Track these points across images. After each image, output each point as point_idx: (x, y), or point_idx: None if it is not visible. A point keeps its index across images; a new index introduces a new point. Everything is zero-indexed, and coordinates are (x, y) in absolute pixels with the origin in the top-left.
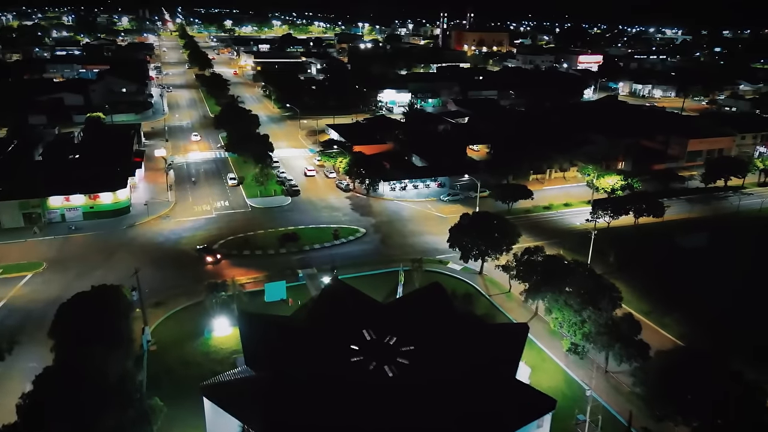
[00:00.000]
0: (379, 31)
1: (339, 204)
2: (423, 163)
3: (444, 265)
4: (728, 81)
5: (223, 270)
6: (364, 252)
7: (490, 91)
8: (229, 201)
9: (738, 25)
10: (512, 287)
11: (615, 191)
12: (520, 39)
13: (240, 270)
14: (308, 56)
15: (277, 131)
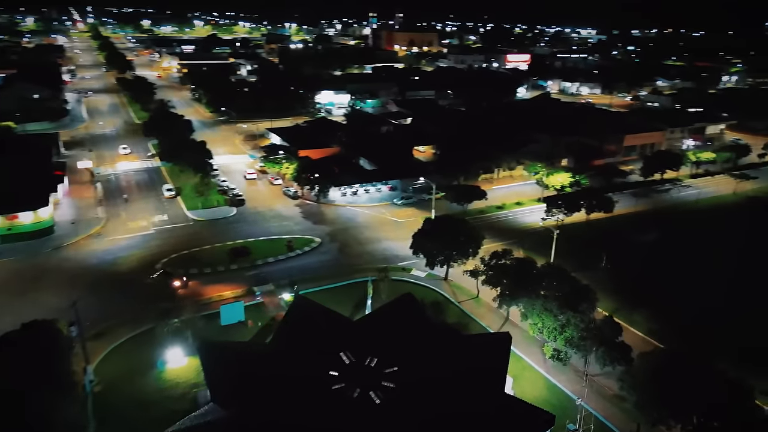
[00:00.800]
0: (307, 32)
1: (288, 213)
2: (372, 167)
3: (408, 273)
4: (646, 78)
5: (172, 291)
6: (322, 263)
7: (428, 91)
8: (167, 214)
9: (645, 26)
10: (480, 292)
11: (564, 188)
12: (448, 39)
13: (192, 290)
14: (237, 57)
15: (212, 137)
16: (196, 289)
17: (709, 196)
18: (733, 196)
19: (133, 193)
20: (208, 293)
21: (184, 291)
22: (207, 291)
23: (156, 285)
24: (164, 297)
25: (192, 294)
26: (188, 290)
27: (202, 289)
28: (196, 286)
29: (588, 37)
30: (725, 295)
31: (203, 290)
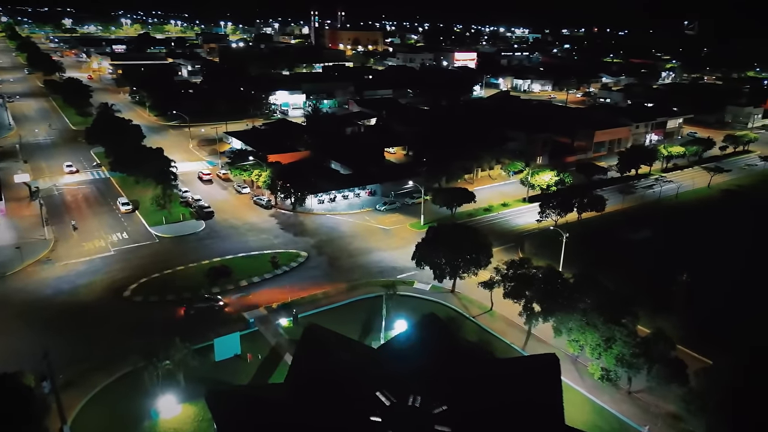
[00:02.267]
0: (243, 30)
1: (264, 224)
2: (345, 171)
3: (410, 286)
4: (592, 75)
5: (149, 325)
6: (314, 280)
7: (385, 90)
8: (127, 232)
9: (575, 25)
10: (494, 305)
11: (549, 188)
12: (389, 38)
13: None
14: (174, 57)
15: (162, 142)
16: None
17: (687, 191)
18: (709, 190)
19: (82, 210)
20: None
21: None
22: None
23: (132, 315)
24: (145, 330)
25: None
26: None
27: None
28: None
29: (522, 35)
30: (728, 295)
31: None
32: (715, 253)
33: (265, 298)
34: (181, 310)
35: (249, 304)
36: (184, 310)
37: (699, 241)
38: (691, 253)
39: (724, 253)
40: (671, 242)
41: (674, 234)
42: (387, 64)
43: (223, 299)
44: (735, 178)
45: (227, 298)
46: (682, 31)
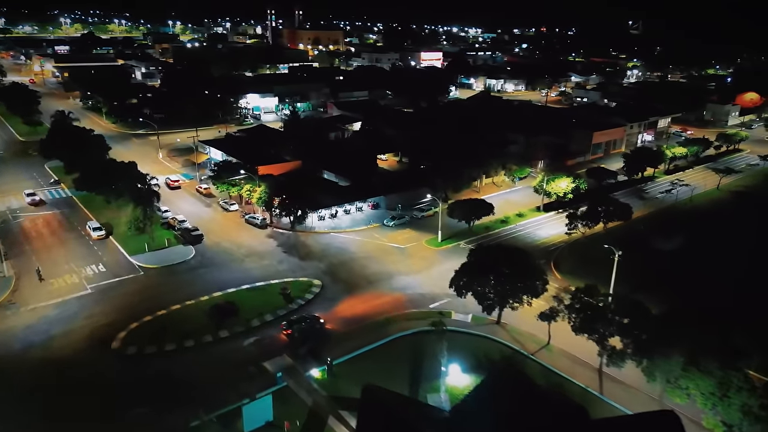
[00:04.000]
0: (193, 30)
1: (263, 247)
2: (342, 181)
3: (449, 318)
4: (561, 74)
5: (150, 386)
6: (336, 314)
7: (361, 92)
8: (104, 264)
9: (525, 24)
10: (551, 338)
11: (566, 195)
12: (348, 38)
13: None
14: (124, 58)
15: (126, 153)
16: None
17: (699, 193)
18: (719, 192)
19: (45, 238)
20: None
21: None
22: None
23: (128, 373)
24: (147, 393)
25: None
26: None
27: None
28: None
29: (476, 35)
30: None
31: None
32: (747, 260)
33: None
34: (283, 334)
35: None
36: (288, 332)
37: (741, 252)
38: (739, 266)
39: (759, 259)
40: (713, 253)
41: (710, 243)
42: (353, 65)
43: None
44: (739, 179)
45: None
46: (627, 31)
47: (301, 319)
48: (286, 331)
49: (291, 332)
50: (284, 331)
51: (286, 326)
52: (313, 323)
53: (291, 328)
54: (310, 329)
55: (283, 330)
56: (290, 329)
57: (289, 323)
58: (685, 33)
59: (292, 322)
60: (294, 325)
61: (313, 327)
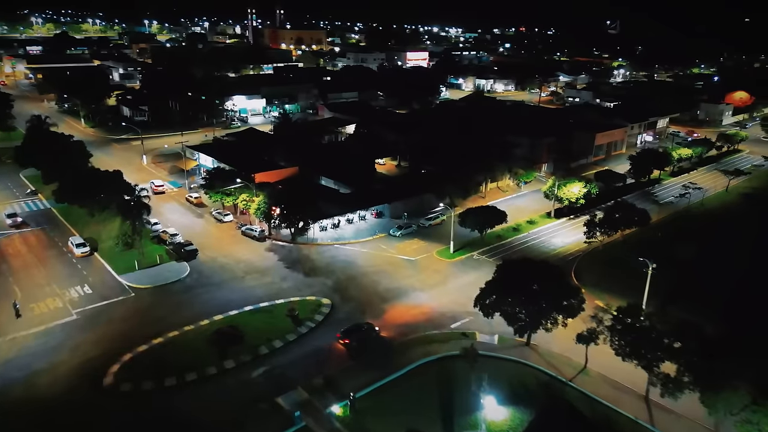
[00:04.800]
0: (170, 30)
1: (263, 262)
2: (345, 189)
3: (473, 340)
4: (549, 74)
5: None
6: None
7: (350, 93)
8: (90, 284)
9: (505, 24)
10: (588, 361)
11: (578, 201)
12: (330, 38)
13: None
14: (100, 59)
15: (108, 160)
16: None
17: (709, 196)
18: (728, 195)
19: (23, 256)
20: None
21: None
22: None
23: (124, 415)
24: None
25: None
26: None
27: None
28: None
29: (458, 35)
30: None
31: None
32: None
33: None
34: (340, 344)
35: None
36: (346, 342)
37: (747, 253)
38: (745, 268)
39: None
40: (741, 261)
41: (735, 250)
42: (338, 65)
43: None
44: (746, 181)
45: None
46: (605, 31)
47: (357, 327)
48: (343, 340)
49: (349, 342)
50: (341, 341)
51: (343, 336)
52: (370, 331)
53: (349, 337)
54: (368, 338)
55: (340, 340)
56: (348, 338)
57: (345, 332)
58: (668, 30)
59: (349, 332)
60: (352, 335)
61: (370, 335)
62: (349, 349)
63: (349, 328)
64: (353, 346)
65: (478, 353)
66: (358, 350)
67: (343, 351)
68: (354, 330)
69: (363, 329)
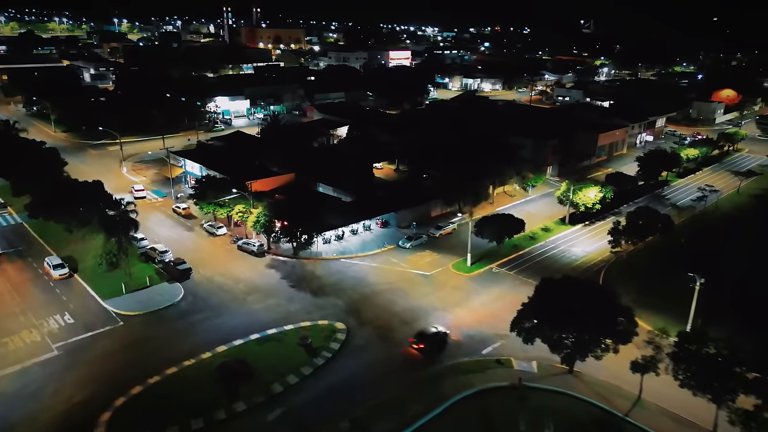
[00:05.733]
0: (141, 29)
1: (265, 281)
2: (347, 197)
3: (510, 369)
4: (535, 72)
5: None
6: (374, 370)
7: (337, 93)
8: (70, 312)
9: (479, 23)
10: (643, 390)
11: (594, 206)
12: (308, 37)
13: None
14: (69, 59)
15: (82, 168)
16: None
17: (721, 198)
18: (739, 196)
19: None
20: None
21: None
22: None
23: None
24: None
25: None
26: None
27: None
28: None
29: (435, 34)
30: None
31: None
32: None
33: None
34: (413, 348)
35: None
36: (421, 346)
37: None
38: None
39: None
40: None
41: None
42: (318, 64)
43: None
44: (754, 181)
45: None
46: (580, 30)
47: (427, 331)
48: (418, 345)
49: (424, 346)
50: (415, 346)
51: (417, 340)
52: (443, 335)
53: (424, 341)
54: (442, 342)
55: (413, 344)
56: (423, 343)
57: (419, 337)
58: (646, 28)
59: (423, 336)
60: (426, 338)
61: (443, 339)
62: (423, 354)
63: (421, 331)
64: (427, 350)
65: (527, 387)
66: (431, 354)
67: (418, 355)
68: (427, 334)
69: (437, 333)
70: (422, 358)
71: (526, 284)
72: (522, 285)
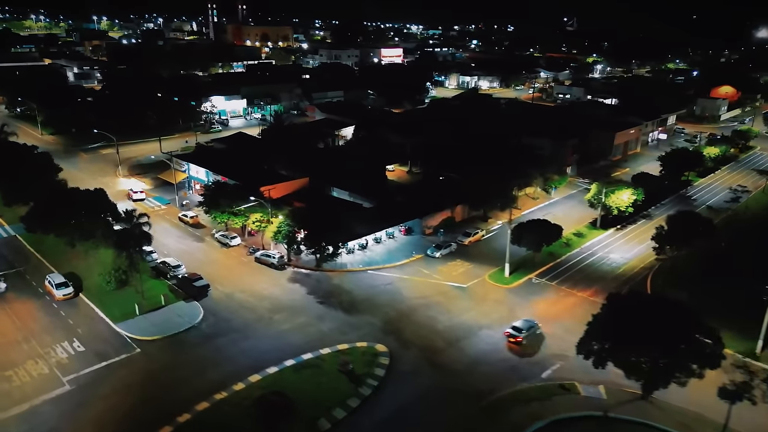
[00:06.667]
0: (121, 26)
1: (290, 297)
2: (366, 202)
3: (576, 395)
4: (530, 70)
5: None
6: (428, 400)
7: (335, 92)
8: (79, 338)
9: (464, 21)
10: (729, 419)
11: (627, 209)
12: (294, 35)
13: None
14: (51, 57)
15: (75, 173)
16: None
17: (748, 198)
18: (765, 196)
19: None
20: None
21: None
22: None
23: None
24: None
25: None
26: None
27: None
28: None
29: (419, 32)
30: None
31: None
32: None
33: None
34: (510, 342)
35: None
36: (518, 339)
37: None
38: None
39: None
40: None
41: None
42: (309, 62)
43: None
44: None
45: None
46: (564, 27)
47: (521, 325)
48: (515, 338)
49: (521, 339)
50: (511, 339)
51: (513, 332)
52: (537, 327)
53: (519, 334)
54: (537, 335)
55: (509, 338)
56: (519, 336)
57: (515, 329)
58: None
59: (519, 329)
60: (523, 332)
61: (538, 332)
62: (521, 347)
63: (515, 325)
64: (523, 344)
65: (609, 415)
66: (529, 347)
67: (516, 348)
68: (521, 327)
69: (531, 326)
70: (519, 351)
71: (571, 296)
72: (567, 297)
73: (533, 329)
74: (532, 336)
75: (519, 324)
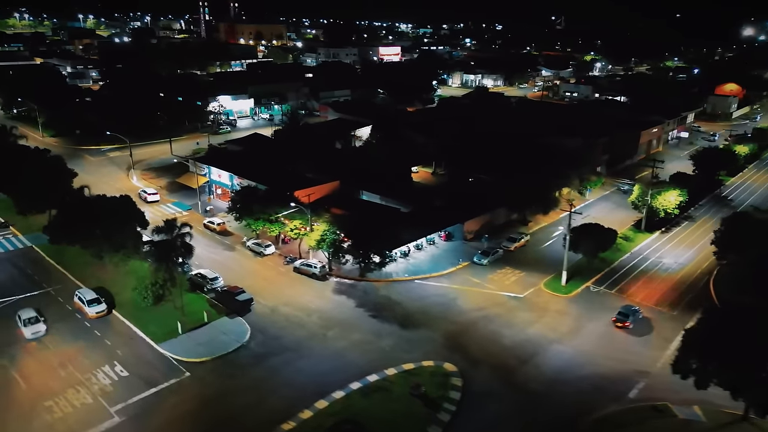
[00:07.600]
0: (107, 25)
1: (337, 309)
2: (403, 207)
3: (673, 418)
4: (532, 68)
5: None
6: (512, 426)
7: (342, 91)
8: (120, 361)
9: (452, 20)
10: None
11: (672, 211)
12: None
13: None
14: (42, 56)
15: (84, 177)
16: None
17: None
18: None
19: (9, 321)
20: None
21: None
22: None
23: None
24: None
25: None
26: None
27: None
28: None
29: (410, 31)
30: None
31: None
32: None
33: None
34: (617, 326)
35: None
36: (626, 324)
37: None
38: None
39: None
40: None
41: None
42: (306, 60)
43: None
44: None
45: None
46: (553, 26)
47: (626, 310)
48: (623, 323)
49: (628, 324)
50: (619, 324)
51: (621, 318)
52: (639, 312)
53: (627, 319)
54: (640, 319)
55: (617, 323)
56: (627, 321)
57: (622, 314)
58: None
59: (625, 314)
60: (630, 317)
61: (641, 316)
62: (628, 332)
63: (622, 310)
64: (630, 328)
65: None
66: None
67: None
68: (626, 312)
69: (635, 310)
70: (627, 334)
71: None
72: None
73: (637, 314)
74: (636, 320)
75: (624, 310)
